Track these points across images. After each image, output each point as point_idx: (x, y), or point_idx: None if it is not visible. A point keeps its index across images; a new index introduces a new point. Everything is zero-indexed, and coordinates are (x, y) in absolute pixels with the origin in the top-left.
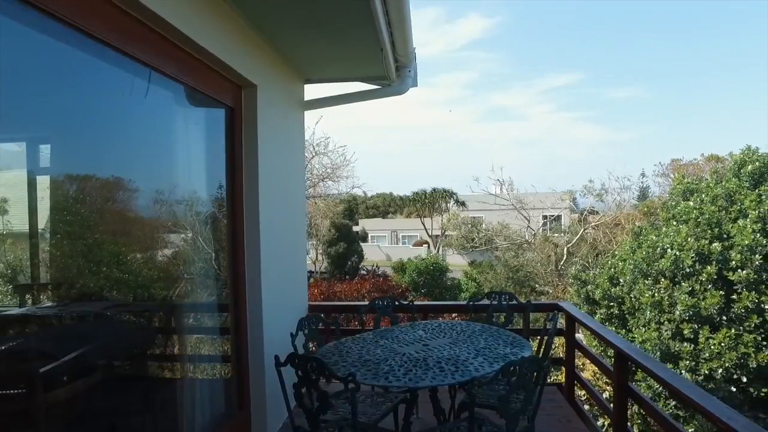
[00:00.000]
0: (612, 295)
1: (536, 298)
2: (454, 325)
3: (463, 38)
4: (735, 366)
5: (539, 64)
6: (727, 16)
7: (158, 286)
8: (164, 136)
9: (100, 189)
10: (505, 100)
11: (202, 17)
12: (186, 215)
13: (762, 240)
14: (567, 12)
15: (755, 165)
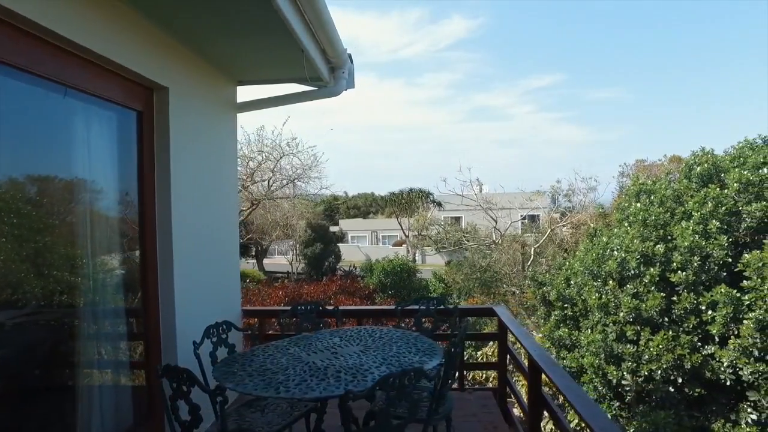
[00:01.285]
0: (566, 297)
1: (503, 299)
2: (373, 331)
3: (447, 39)
4: (672, 367)
5: (521, 65)
6: (709, 17)
7: (57, 292)
8: (61, 144)
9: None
10: (488, 101)
11: (94, 22)
12: (87, 220)
13: (701, 242)
14: (548, 14)
15: (704, 167)
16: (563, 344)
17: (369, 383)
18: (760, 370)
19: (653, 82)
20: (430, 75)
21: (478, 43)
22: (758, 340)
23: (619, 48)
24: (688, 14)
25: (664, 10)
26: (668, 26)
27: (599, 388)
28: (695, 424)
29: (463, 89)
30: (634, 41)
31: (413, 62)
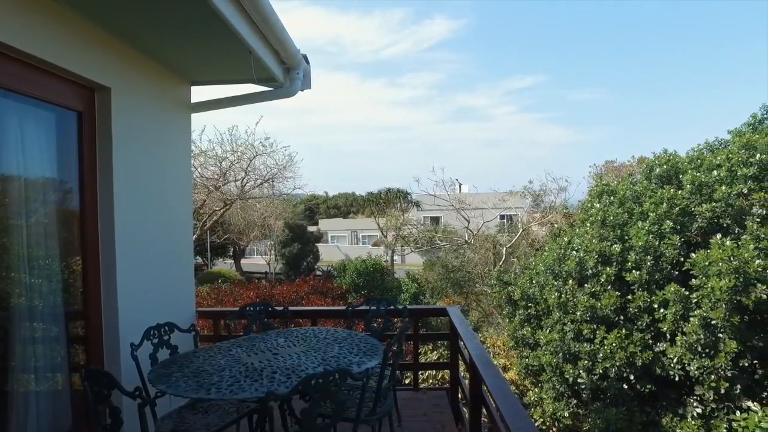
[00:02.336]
0: (530, 296)
1: (476, 299)
2: (320, 332)
3: (430, 39)
4: (625, 365)
5: (504, 66)
6: (688, 20)
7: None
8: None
9: None
10: (470, 101)
11: (26, 22)
12: (23, 222)
13: (654, 241)
14: (531, 15)
15: (663, 168)
16: (527, 343)
17: None
18: (705, 366)
19: (633, 83)
20: (413, 75)
21: (460, 44)
22: (702, 336)
23: (601, 49)
24: (670, 13)
25: (645, 11)
26: (650, 26)
27: (557, 386)
28: (646, 419)
29: (446, 89)
30: (616, 42)
31: (396, 62)
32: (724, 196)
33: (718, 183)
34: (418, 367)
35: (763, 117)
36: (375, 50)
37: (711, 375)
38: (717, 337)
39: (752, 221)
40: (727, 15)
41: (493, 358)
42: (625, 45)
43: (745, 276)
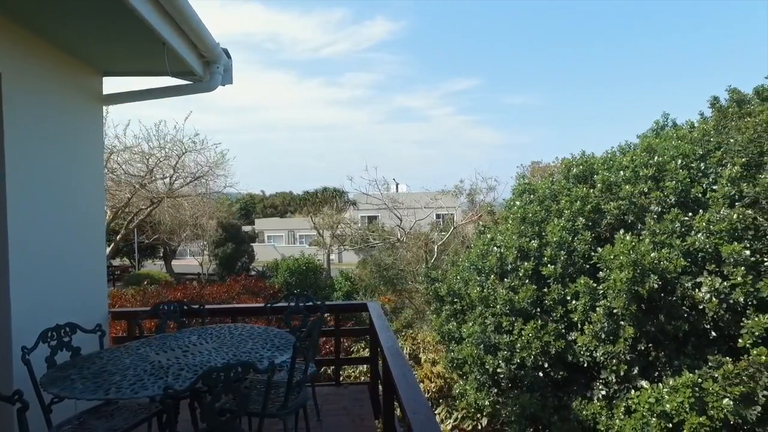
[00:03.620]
0: (456, 292)
1: (409, 296)
2: (235, 328)
3: (369, 40)
4: (540, 353)
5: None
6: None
7: None
8: None
9: None
10: (408, 102)
11: None
12: None
13: (568, 237)
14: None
15: (579, 168)
16: (452, 337)
17: None
18: (608, 351)
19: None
20: (352, 75)
21: (400, 46)
22: (606, 324)
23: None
24: (599, 19)
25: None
26: (580, 33)
27: (479, 377)
28: (558, 403)
29: (384, 90)
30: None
31: (335, 62)
32: (628, 194)
33: (623, 182)
34: (339, 362)
35: (664, 123)
36: (314, 49)
37: (613, 360)
38: (618, 325)
39: (650, 218)
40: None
41: (423, 353)
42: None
43: (641, 268)
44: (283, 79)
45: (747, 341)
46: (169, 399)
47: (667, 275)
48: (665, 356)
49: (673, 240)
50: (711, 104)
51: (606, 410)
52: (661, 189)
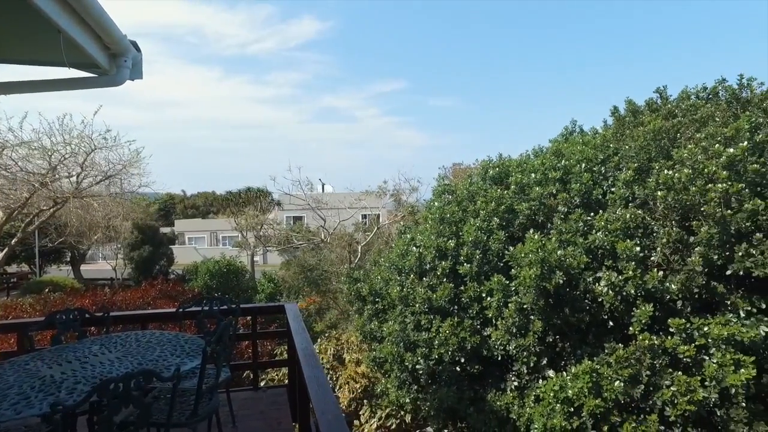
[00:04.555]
0: (377, 292)
1: (333, 296)
2: (143, 335)
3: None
4: (457, 349)
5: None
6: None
7: None
8: None
9: None
10: (335, 102)
11: None
12: None
13: (483, 237)
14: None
15: (496, 170)
16: (374, 336)
17: None
18: (520, 344)
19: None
20: (279, 73)
21: (327, 46)
22: (517, 319)
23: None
24: (521, 26)
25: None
26: (502, 39)
27: (399, 374)
28: (474, 395)
29: (311, 90)
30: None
31: (262, 59)
32: (538, 195)
33: (534, 184)
34: (257, 366)
35: (572, 129)
36: (240, 45)
37: (524, 352)
38: (528, 319)
39: (558, 218)
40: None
41: (348, 353)
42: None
43: (549, 265)
44: (206, 75)
45: (636, 328)
46: (57, 416)
47: (572, 271)
48: (570, 346)
49: (577, 238)
50: (612, 113)
51: (518, 400)
52: (568, 191)
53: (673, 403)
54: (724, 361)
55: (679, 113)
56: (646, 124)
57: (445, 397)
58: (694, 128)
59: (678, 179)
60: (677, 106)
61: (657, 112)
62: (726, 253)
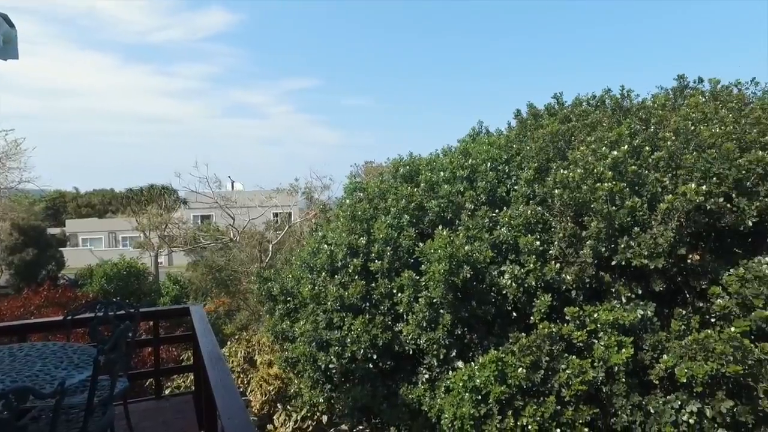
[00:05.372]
0: (288, 291)
1: (243, 298)
2: (19, 349)
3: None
4: (369, 346)
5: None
6: None
7: None
8: None
9: None
10: (246, 98)
11: None
12: None
13: (394, 233)
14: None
15: (406, 168)
16: (286, 337)
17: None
18: (430, 338)
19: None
20: (185, 65)
21: (238, 39)
22: (427, 314)
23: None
24: (433, 26)
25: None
26: (415, 39)
27: (312, 374)
28: (387, 391)
29: (221, 84)
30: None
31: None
32: (446, 193)
33: (443, 182)
34: (159, 373)
35: (479, 130)
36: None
37: (434, 345)
38: (438, 313)
39: (465, 214)
40: None
41: (259, 355)
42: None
43: (456, 260)
44: (103, 62)
45: (537, 318)
46: None
47: (478, 265)
48: (477, 338)
49: (483, 234)
50: (515, 116)
51: (429, 392)
52: (474, 188)
53: (568, 384)
54: (610, 343)
55: (573, 118)
56: (545, 127)
57: (359, 395)
58: (585, 132)
59: (572, 178)
60: (572, 111)
61: (554, 116)
62: (612, 245)
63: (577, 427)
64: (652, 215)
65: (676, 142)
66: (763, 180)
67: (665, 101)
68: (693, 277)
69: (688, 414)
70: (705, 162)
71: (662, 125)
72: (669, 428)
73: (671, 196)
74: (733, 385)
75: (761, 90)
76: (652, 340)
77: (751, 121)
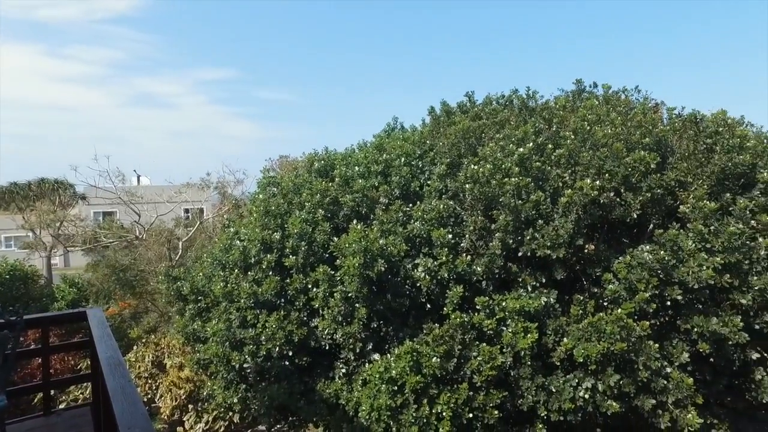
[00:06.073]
0: (199, 289)
1: (151, 299)
2: None
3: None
4: (285, 343)
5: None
6: None
7: None
8: None
9: None
10: (156, 87)
11: None
12: None
13: (308, 228)
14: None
15: (321, 163)
16: (198, 338)
17: None
18: (347, 332)
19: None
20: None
21: (144, 24)
22: (343, 308)
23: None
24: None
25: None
26: (335, 35)
27: (226, 375)
28: (304, 388)
29: (126, 71)
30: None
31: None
32: (361, 188)
33: (358, 177)
34: (49, 386)
35: (394, 126)
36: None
37: (351, 339)
38: (354, 307)
39: (380, 209)
40: None
41: (169, 358)
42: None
43: (371, 254)
44: None
45: (449, 308)
46: None
47: (392, 259)
48: (393, 330)
49: (397, 228)
50: (429, 113)
51: (346, 386)
52: (389, 183)
53: (479, 370)
54: (517, 329)
55: (484, 116)
56: (458, 124)
57: (275, 393)
58: (494, 129)
59: (482, 173)
60: (482, 109)
61: (466, 113)
62: (518, 237)
63: (488, 411)
64: (554, 208)
65: (575, 141)
66: (645, 177)
67: (565, 103)
68: (589, 265)
69: (584, 390)
70: (599, 159)
71: (563, 125)
72: (568, 404)
73: (570, 191)
74: (619, 361)
75: (642, 96)
76: (555, 324)
77: (635, 123)
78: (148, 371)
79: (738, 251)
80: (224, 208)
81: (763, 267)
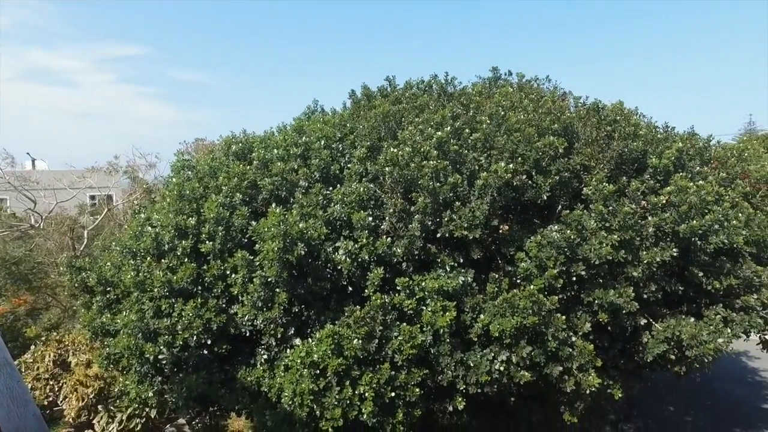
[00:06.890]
0: (108, 280)
1: (52, 293)
2: None
3: None
4: (203, 331)
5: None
6: None
7: None
8: None
9: None
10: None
11: None
12: None
13: (226, 213)
14: None
15: (239, 146)
16: (107, 332)
17: None
18: (267, 318)
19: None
20: None
21: None
22: (263, 293)
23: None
24: None
25: None
26: (256, 19)
27: (139, 368)
28: (225, 377)
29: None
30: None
31: None
32: (280, 171)
33: (277, 160)
34: None
35: (314, 109)
36: None
37: (271, 324)
38: (274, 292)
39: (299, 192)
40: None
41: (74, 356)
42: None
43: (291, 237)
44: None
45: (370, 290)
46: None
47: (313, 242)
48: (314, 314)
49: (317, 211)
50: (350, 96)
51: (268, 372)
52: (308, 166)
53: (400, 350)
54: (436, 308)
55: (404, 100)
56: (378, 108)
57: (194, 383)
58: (414, 114)
59: (402, 156)
60: (403, 94)
61: (387, 97)
62: (437, 219)
63: (410, 389)
64: (471, 190)
65: (491, 126)
66: (554, 160)
67: (482, 89)
68: (504, 245)
69: (500, 363)
70: (512, 144)
71: (479, 110)
72: (485, 377)
73: (486, 174)
74: (531, 334)
75: (552, 86)
76: (472, 302)
77: (545, 110)
78: (50, 371)
79: (631, 229)
80: (135, 194)
81: (650, 243)
